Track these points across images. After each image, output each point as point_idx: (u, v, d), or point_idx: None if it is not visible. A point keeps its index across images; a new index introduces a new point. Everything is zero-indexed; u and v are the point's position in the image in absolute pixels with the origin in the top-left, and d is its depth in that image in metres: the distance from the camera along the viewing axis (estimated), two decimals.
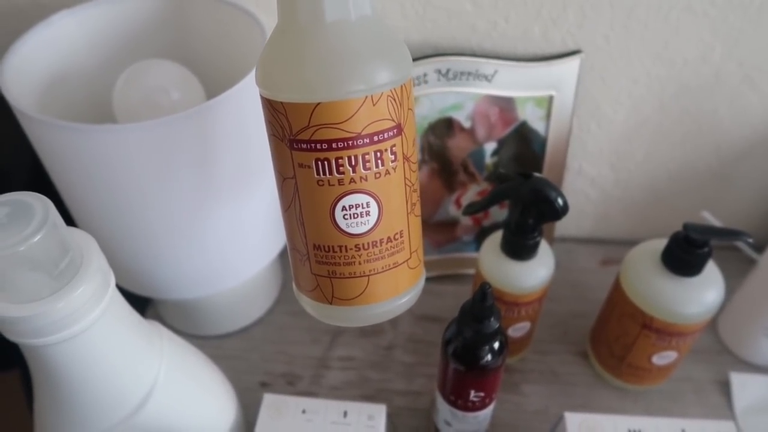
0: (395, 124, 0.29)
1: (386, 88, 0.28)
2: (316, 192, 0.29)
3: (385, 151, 0.29)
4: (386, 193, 0.30)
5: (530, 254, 0.45)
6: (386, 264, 0.31)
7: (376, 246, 0.31)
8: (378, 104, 0.28)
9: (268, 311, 0.58)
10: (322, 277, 0.32)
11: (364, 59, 0.27)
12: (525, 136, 0.53)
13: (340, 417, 0.41)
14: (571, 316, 0.58)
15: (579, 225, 0.64)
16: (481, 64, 0.49)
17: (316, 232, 0.30)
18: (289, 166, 0.29)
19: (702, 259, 0.42)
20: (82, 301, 0.28)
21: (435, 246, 0.59)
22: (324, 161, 0.28)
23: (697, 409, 0.51)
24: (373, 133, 0.28)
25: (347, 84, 0.27)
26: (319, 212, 0.30)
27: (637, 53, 0.50)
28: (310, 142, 0.28)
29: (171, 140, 0.37)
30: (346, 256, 0.31)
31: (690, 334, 0.45)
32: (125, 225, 0.42)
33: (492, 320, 0.35)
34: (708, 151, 0.57)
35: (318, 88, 0.27)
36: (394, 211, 0.30)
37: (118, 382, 0.33)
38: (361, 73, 0.27)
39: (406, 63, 0.29)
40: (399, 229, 0.31)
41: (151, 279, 0.47)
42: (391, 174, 0.29)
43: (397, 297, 0.33)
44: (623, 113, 0.54)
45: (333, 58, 0.27)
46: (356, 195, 0.29)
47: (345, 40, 0.27)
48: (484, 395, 0.39)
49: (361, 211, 0.29)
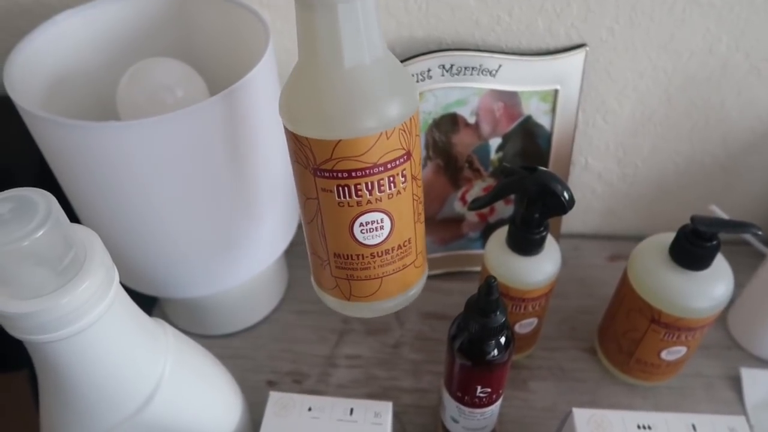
0: (405, 152, 0.33)
1: (398, 123, 0.31)
2: (337, 212, 0.33)
3: (397, 175, 0.33)
4: (397, 209, 0.34)
5: (536, 249, 0.45)
6: (396, 267, 0.36)
7: (389, 253, 0.35)
8: (391, 137, 0.31)
9: (275, 310, 0.58)
10: (341, 279, 0.36)
11: (380, 101, 0.31)
12: (530, 131, 0.53)
13: (346, 414, 0.40)
14: (579, 312, 0.57)
15: (585, 220, 0.64)
16: (485, 59, 0.48)
17: (336, 243, 0.35)
18: (312, 189, 0.33)
19: (710, 253, 0.42)
20: (86, 296, 0.28)
21: (441, 243, 0.59)
22: (344, 187, 0.32)
23: (707, 405, 0.50)
24: (387, 161, 0.32)
25: (365, 124, 0.31)
26: (339, 228, 0.34)
27: (643, 46, 0.50)
28: (332, 171, 0.32)
29: (175, 137, 0.37)
30: (362, 262, 0.35)
31: (699, 328, 0.44)
32: (130, 223, 0.42)
33: (498, 314, 0.35)
34: (715, 144, 0.56)
35: (340, 127, 0.31)
36: (404, 223, 0.35)
37: (123, 378, 0.33)
38: (377, 113, 0.31)
39: (414, 97, 0.33)
40: (408, 237, 0.35)
41: (157, 277, 0.47)
42: (401, 193, 0.33)
43: (405, 292, 0.37)
44: (629, 107, 0.54)
45: (353, 101, 0.31)
46: (372, 213, 0.33)
47: (362, 85, 0.31)
48: (491, 391, 0.39)
49: (376, 226, 0.34)
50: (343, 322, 0.57)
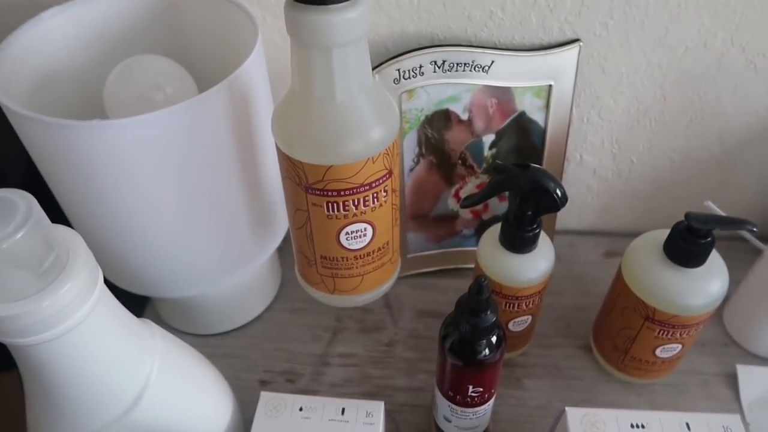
0: (388, 171, 0.36)
1: (383, 149, 0.35)
2: (326, 222, 0.37)
3: (380, 191, 0.36)
4: (379, 219, 0.38)
5: (530, 247, 0.44)
6: (376, 266, 0.40)
7: (369, 255, 0.39)
8: (377, 161, 0.35)
9: (268, 308, 0.58)
10: (326, 276, 0.40)
11: (368, 131, 0.34)
12: (524, 127, 0.52)
13: (337, 414, 0.40)
14: (574, 310, 0.57)
15: (581, 217, 0.64)
16: (477, 55, 0.48)
17: (323, 247, 0.38)
18: (303, 203, 0.37)
19: (705, 249, 0.41)
20: (69, 298, 0.28)
21: (435, 240, 0.59)
22: (333, 203, 0.36)
23: (703, 403, 0.50)
24: (372, 181, 0.35)
25: (355, 152, 0.34)
26: (326, 236, 0.37)
27: (637, 41, 0.49)
28: (323, 190, 0.35)
29: (163, 135, 0.37)
30: (346, 264, 0.39)
31: (694, 325, 0.44)
32: (119, 223, 0.42)
33: (489, 313, 0.35)
34: (711, 140, 0.56)
35: (332, 155, 0.34)
36: (383, 229, 0.39)
37: (109, 380, 0.32)
38: (365, 143, 0.34)
39: (397, 121, 0.36)
40: (386, 240, 0.40)
41: (147, 277, 0.46)
42: (383, 206, 0.37)
43: (383, 285, 0.43)
44: (624, 102, 0.53)
45: (344, 132, 0.34)
46: (357, 224, 0.37)
47: (353, 117, 0.34)
48: (483, 390, 0.39)
49: (360, 233, 0.38)
50: (337, 320, 0.57)
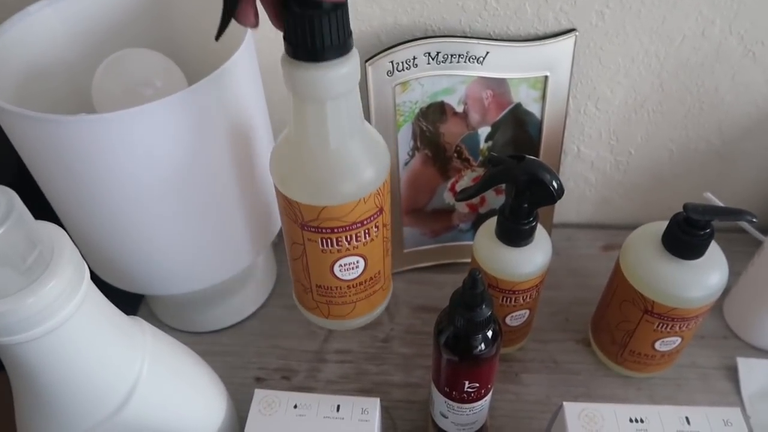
0: (379, 208, 0.38)
1: (374, 189, 0.37)
2: (320, 256, 0.39)
3: (371, 227, 0.39)
4: (370, 252, 0.40)
5: (526, 240, 0.44)
6: (368, 293, 0.43)
7: (362, 285, 0.42)
8: (368, 201, 0.37)
9: (263, 305, 0.57)
10: (321, 303, 0.43)
11: (360, 174, 0.36)
12: (520, 119, 0.52)
13: (333, 411, 0.39)
14: (572, 303, 0.56)
15: (579, 210, 0.63)
16: (472, 46, 0.47)
17: (318, 277, 0.41)
18: (299, 238, 0.39)
19: (704, 241, 0.40)
20: (54, 296, 0.27)
21: (431, 235, 0.58)
22: (327, 239, 0.38)
23: (703, 396, 0.49)
24: (364, 219, 0.38)
25: (347, 194, 0.36)
26: (321, 267, 0.40)
27: (634, 30, 0.48)
28: (317, 228, 0.37)
29: (153, 129, 0.36)
30: (340, 292, 0.42)
31: (693, 318, 0.43)
32: (109, 219, 0.41)
33: (484, 308, 0.34)
34: (710, 131, 0.55)
35: (326, 197, 0.36)
36: (375, 261, 0.41)
37: (98, 379, 0.32)
38: (357, 185, 0.36)
39: (387, 162, 0.38)
40: (378, 270, 0.42)
41: (140, 274, 0.46)
42: (374, 240, 0.40)
43: (375, 310, 0.45)
44: (621, 93, 0.53)
45: (337, 177, 0.36)
46: (350, 257, 0.39)
47: (345, 162, 0.36)
48: (479, 386, 0.38)
49: (353, 265, 0.40)
50: None
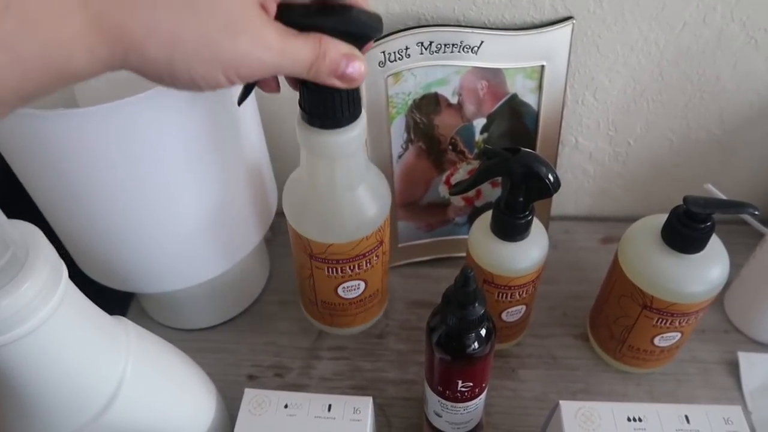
0: (379, 241, 0.43)
1: (376, 228, 0.41)
2: (326, 280, 0.44)
3: (372, 257, 0.43)
4: (371, 276, 0.45)
5: (522, 234, 0.43)
6: (367, 307, 0.48)
7: (362, 302, 0.47)
8: (370, 237, 0.42)
9: (255, 301, 0.56)
10: (325, 314, 0.49)
11: (364, 216, 0.40)
12: (516, 110, 0.50)
13: (324, 411, 0.39)
14: (571, 298, 0.55)
15: (577, 202, 0.62)
16: (466, 35, 0.46)
17: (324, 295, 0.46)
18: (308, 265, 0.44)
19: (704, 235, 0.39)
20: (29, 297, 0.27)
21: (427, 229, 0.57)
22: (333, 267, 0.43)
23: (703, 391, 0.48)
24: (367, 251, 0.42)
25: (352, 233, 0.41)
26: (327, 288, 0.45)
27: (633, 17, 0.47)
28: (325, 259, 0.42)
29: (133, 123, 0.35)
30: (342, 308, 0.47)
31: (693, 313, 0.42)
32: (94, 217, 0.40)
33: (476, 306, 0.33)
34: (711, 120, 0.54)
35: (332, 236, 0.41)
36: (375, 282, 0.46)
37: (80, 381, 0.31)
38: (362, 226, 0.41)
39: (388, 201, 0.42)
40: (377, 288, 0.47)
41: (127, 272, 0.45)
42: (374, 266, 0.44)
43: (373, 319, 0.51)
44: (620, 82, 0.51)
45: (344, 219, 0.40)
46: (352, 281, 0.44)
47: (352, 205, 0.40)
48: (473, 385, 0.37)
49: (355, 287, 0.45)
50: None
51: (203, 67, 0.26)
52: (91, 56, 0.24)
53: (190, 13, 0.25)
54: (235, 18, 0.26)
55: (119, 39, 0.24)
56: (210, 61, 0.26)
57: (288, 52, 0.28)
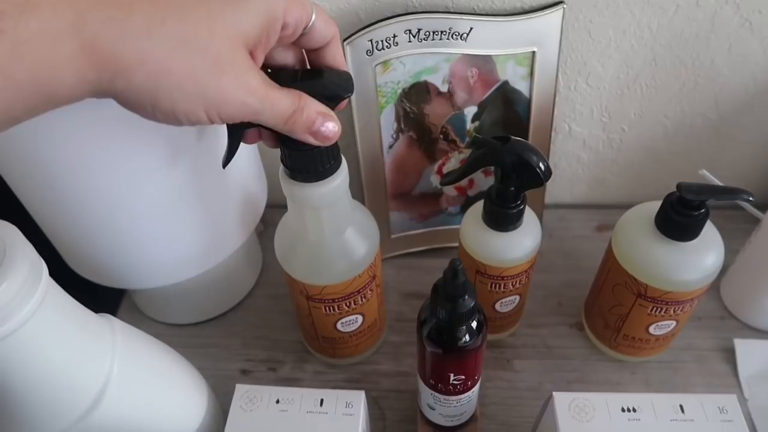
0: (372, 276, 0.43)
1: (367, 266, 0.42)
2: (324, 317, 0.45)
3: (367, 292, 0.44)
4: (368, 309, 0.46)
5: (514, 224, 0.42)
6: (366, 337, 0.49)
7: (361, 333, 0.47)
8: (363, 275, 0.42)
9: (248, 295, 0.56)
10: (326, 348, 0.49)
11: (355, 257, 0.41)
12: (507, 98, 0.50)
13: (316, 406, 0.38)
14: (565, 287, 0.55)
15: (572, 190, 0.61)
16: (455, 22, 0.45)
17: (323, 331, 0.46)
18: (306, 305, 0.44)
19: (698, 222, 0.39)
20: (7, 298, 0.26)
21: (420, 219, 0.56)
22: (330, 306, 0.43)
23: (699, 379, 0.48)
24: (360, 288, 0.43)
25: (344, 273, 0.41)
26: (325, 325, 0.46)
27: (625, 1, 0.46)
28: (321, 299, 0.43)
29: (121, 116, 0.34)
30: (342, 341, 0.48)
31: (689, 301, 0.42)
32: (80, 213, 0.40)
33: (467, 298, 0.33)
34: (706, 105, 0.53)
35: (325, 279, 0.41)
36: (372, 314, 0.47)
37: (65, 381, 0.31)
38: (354, 266, 0.41)
39: (377, 238, 0.43)
40: (374, 319, 0.48)
41: (115, 269, 0.44)
42: (370, 300, 0.45)
43: (373, 347, 0.51)
44: (613, 68, 0.50)
45: (334, 262, 0.41)
46: (350, 316, 0.45)
47: (342, 249, 0.41)
48: (466, 378, 0.37)
49: (353, 321, 0.46)
50: None
51: (187, 101, 0.26)
52: (78, 79, 0.24)
53: (182, 47, 0.25)
54: (223, 58, 0.26)
55: (109, 63, 0.24)
56: (194, 96, 0.26)
57: (270, 99, 0.29)
